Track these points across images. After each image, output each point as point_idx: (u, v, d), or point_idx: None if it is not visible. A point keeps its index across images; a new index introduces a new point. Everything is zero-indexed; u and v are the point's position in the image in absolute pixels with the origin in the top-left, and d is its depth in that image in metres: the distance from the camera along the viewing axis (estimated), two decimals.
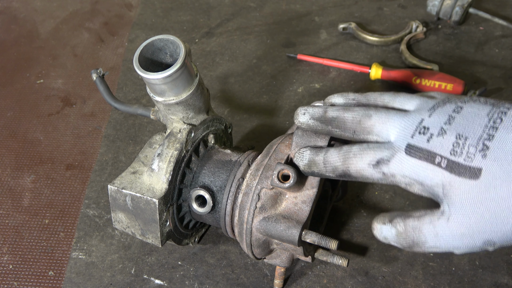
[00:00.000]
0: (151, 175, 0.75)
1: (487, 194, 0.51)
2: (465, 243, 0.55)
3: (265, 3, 1.53)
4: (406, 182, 0.57)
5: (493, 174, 0.51)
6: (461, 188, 0.53)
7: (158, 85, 0.71)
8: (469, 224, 0.53)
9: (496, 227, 0.52)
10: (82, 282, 0.86)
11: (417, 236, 0.57)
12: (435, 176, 0.54)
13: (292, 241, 0.69)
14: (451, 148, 0.53)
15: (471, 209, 0.53)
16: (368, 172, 0.59)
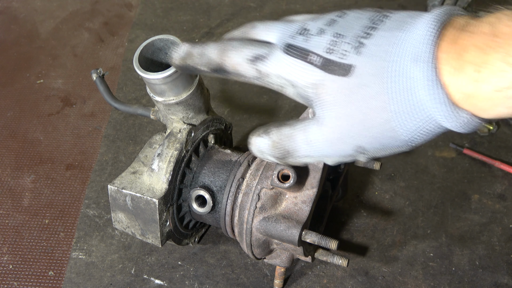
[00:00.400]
0: (151, 175, 0.75)
1: (358, 92, 0.49)
2: (337, 150, 0.53)
3: (265, 3, 1.53)
4: (280, 83, 0.55)
5: (365, 71, 0.49)
6: (332, 86, 0.51)
7: (158, 85, 0.71)
8: (340, 127, 0.52)
9: (366, 130, 0.50)
10: (82, 282, 0.86)
11: (290, 144, 0.56)
12: (308, 75, 0.52)
13: (292, 241, 0.69)
14: (327, 47, 0.52)
15: (342, 109, 0.51)
16: (243, 68, 0.56)
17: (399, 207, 0.96)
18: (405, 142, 0.51)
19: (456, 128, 0.48)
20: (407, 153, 1.05)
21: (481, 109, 0.46)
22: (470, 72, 0.44)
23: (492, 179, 1.00)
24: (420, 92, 0.46)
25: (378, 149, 0.52)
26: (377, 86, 0.48)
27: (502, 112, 0.45)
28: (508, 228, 0.92)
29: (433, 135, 0.50)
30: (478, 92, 0.44)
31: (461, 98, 0.46)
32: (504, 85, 0.43)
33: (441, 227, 0.92)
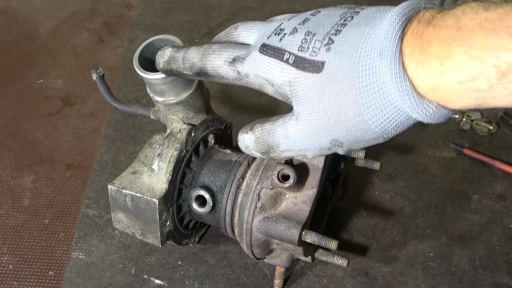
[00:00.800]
0: (151, 175, 0.75)
1: (330, 87, 0.51)
2: (314, 143, 0.55)
3: (265, 3, 1.53)
4: (259, 82, 0.57)
5: (335, 67, 0.51)
6: (305, 83, 0.53)
7: (158, 85, 0.71)
8: (315, 122, 0.54)
9: (339, 123, 0.52)
10: (82, 282, 0.86)
11: (271, 139, 0.58)
12: (283, 73, 0.54)
13: (292, 241, 0.69)
14: (300, 45, 0.54)
15: (316, 105, 0.53)
16: (223, 70, 0.59)
17: (399, 207, 0.96)
18: (378, 134, 0.52)
19: (425, 119, 0.49)
20: (407, 153, 1.05)
21: (448, 101, 0.47)
22: (435, 65, 0.45)
23: (492, 179, 1.00)
24: (388, 86, 0.48)
25: (354, 141, 0.54)
26: (347, 82, 0.50)
27: (469, 104, 0.47)
28: (508, 228, 0.92)
29: (405, 126, 0.52)
30: (443, 84, 0.46)
31: (427, 90, 0.47)
32: (467, 77, 0.44)
33: (441, 227, 0.92)
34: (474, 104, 0.47)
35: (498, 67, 0.43)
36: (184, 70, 0.62)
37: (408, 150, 1.06)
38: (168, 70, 0.63)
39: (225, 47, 0.59)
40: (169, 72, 0.64)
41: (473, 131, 1.09)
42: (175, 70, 0.63)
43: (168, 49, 0.64)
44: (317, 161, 0.70)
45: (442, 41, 0.45)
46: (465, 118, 1.09)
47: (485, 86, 0.44)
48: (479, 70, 0.44)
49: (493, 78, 0.43)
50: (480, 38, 0.43)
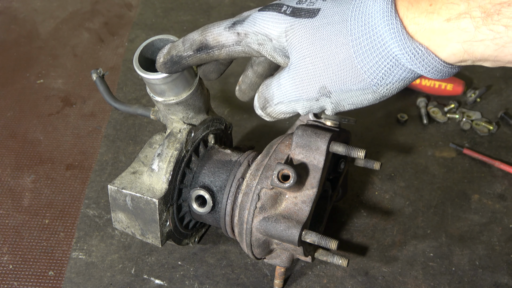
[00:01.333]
0: (151, 175, 0.75)
1: (322, 30, 0.53)
2: (302, 91, 0.57)
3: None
4: (258, 40, 0.59)
5: (330, 11, 0.53)
6: (300, 28, 0.55)
7: (158, 85, 0.71)
8: (305, 67, 0.55)
9: (328, 67, 0.54)
10: (82, 282, 0.86)
11: (267, 91, 0.61)
12: (280, 23, 0.56)
13: (292, 241, 0.69)
14: (298, 0, 0.57)
15: (307, 49, 0.54)
16: (224, 37, 0.60)
17: (399, 207, 0.96)
18: (368, 83, 0.53)
19: (414, 65, 0.50)
20: (407, 153, 1.05)
21: (436, 45, 0.49)
22: (424, 5, 0.48)
23: (492, 179, 1.00)
24: (378, 25, 0.50)
25: (342, 90, 0.55)
26: (340, 24, 0.53)
27: (456, 50, 0.48)
28: (508, 228, 0.92)
29: (395, 78, 0.52)
30: (432, 23, 0.48)
31: (416, 31, 0.49)
32: (454, 15, 0.47)
33: (441, 227, 0.92)
34: (461, 51, 0.48)
35: (483, 7, 0.45)
36: (185, 52, 0.63)
37: (408, 150, 1.06)
38: (168, 60, 0.65)
39: (226, 19, 0.62)
40: (170, 62, 0.65)
41: (473, 131, 1.09)
42: (176, 56, 0.64)
43: (166, 46, 0.66)
44: (317, 161, 0.70)
45: None
46: (465, 118, 1.09)
47: (471, 27, 0.46)
48: (465, 10, 0.46)
49: (478, 19, 0.46)
50: None
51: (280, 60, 0.60)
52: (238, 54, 0.61)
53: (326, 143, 0.69)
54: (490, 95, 1.17)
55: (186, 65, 0.65)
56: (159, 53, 0.66)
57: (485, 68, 1.24)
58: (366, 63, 0.52)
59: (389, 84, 0.53)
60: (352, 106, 0.57)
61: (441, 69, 0.51)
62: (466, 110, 1.12)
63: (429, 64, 0.50)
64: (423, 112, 1.11)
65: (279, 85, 0.59)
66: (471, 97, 1.14)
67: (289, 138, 0.74)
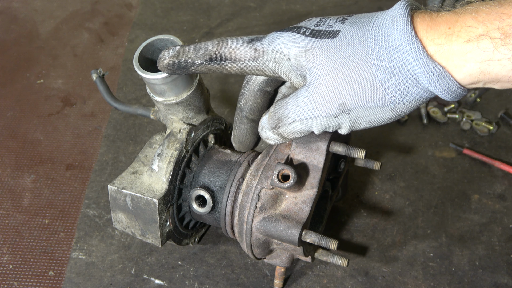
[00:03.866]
0: (151, 175, 0.75)
1: (344, 50, 0.56)
2: (322, 109, 0.58)
3: (265, 3, 1.53)
4: (276, 58, 0.60)
5: (350, 33, 0.56)
6: (320, 48, 0.57)
7: (158, 85, 0.71)
8: (325, 85, 0.57)
9: (349, 84, 0.55)
10: (82, 282, 0.86)
11: (281, 110, 0.62)
12: (299, 43, 0.58)
13: (292, 241, 0.69)
14: (315, 23, 0.60)
15: (328, 68, 0.56)
16: (241, 50, 0.62)
17: (399, 207, 0.96)
18: (387, 101, 0.55)
19: (432, 85, 0.52)
20: (407, 153, 1.05)
21: (454, 65, 0.51)
22: (443, 28, 0.51)
23: (492, 179, 1.00)
24: (399, 45, 0.52)
25: (361, 107, 0.56)
26: (361, 44, 0.55)
27: (473, 70, 0.51)
28: (508, 228, 0.92)
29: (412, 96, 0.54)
30: (451, 44, 0.51)
31: (436, 51, 0.52)
32: (473, 36, 0.50)
33: (441, 227, 0.92)
34: (478, 72, 0.51)
35: (501, 29, 0.48)
36: (196, 59, 0.64)
37: (408, 150, 1.06)
38: (175, 63, 0.65)
39: (242, 36, 0.63)
40: (176, 66, 0.65)
41: (473, 131, 1.09)
42: (184, 61, 0.64)
43: (175, 47, 0.66)
44: (317, 161, 0.70)
45: (451, 13, 0.53)
46: (465, 118, 1.09)
47: (490, 47, 0.49)
48: (484, 32, 0.49)
49: (497, 40, 0.48)
50: (486, 9, 0.50)
51: (294, 80, 0.61)
52: (251, 71, 0.63)
53: (326, 143, 0.69)
54: (490, 95, 1.17)
55: (192, 72, 0.66)
56: (163, 53, 0.66)
57: None
58: (387, 80, 0.54)
59: (406, 102, 0.55)
60: (368, 124, 0.59)
61: (454, 90, 0.53)
62: (466, 110, 1.12)
63: (445, 84, 0.52)
64: (423, 112, 1.11)
65: (296, 103, 0.60)
66: (471, 97, 1.14)
67: None
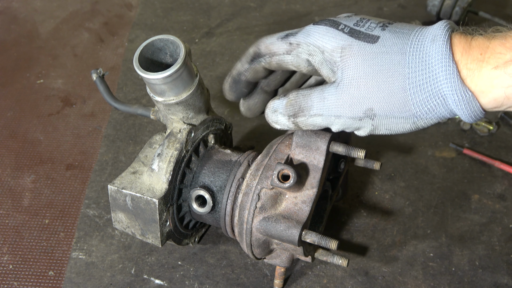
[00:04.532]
0: (151, 175, 0.75)
1: (381, 58, 0.56)
2: (348, 109, 0.59)
3: (265, 3, 1.53)
4: (309, 50, 0.61)
5: (389, 42, 0.56)
6: (359, 50, 0.57)
7: (158, 85, 0.71)
8: (356, 87, 0.58)
9: (380, 92, 0.56)
10: (82, 282, 0.86)
11: (305, 101, 0.62)
12: (337, 39, 0.59)
13: (292, 241, 0.69)
14: (355, 22, 0.60)
15: (363, 71, 0.57)
16: (276, 45, 0.63)
17: (399, 207, 0.96)
18: (411, 114, 0.57)
19: (458, 107, 0.54)
20: (407, 153, 1.05)
21: (481, 91, 0.53)
22: (476, 54, 0.53)
23: (492, 179, 1.00)
24: (435, 65, 0.54)
25: (386, 115, 0.58)
26: (399, 56, 0.56)
27: (498, 95, 0.53)
28: (508, 228, 0.92)
29: (436, 115, 0.56)
30: (480, 70, 0.53)
31: (467, 76, 0.53)
32: (501, 63, 0.52)
33: (441, 227, 0.92)
34: (502, 97, 0.53)
35: None
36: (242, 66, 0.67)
37: (408, 150, 1.06)
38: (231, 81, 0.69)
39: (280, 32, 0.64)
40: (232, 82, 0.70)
41: (473, 131, 1.09)
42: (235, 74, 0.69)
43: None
44: (317, 161, 0.70)
45: (484, 38, 0.54)
46: None
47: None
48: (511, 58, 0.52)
49: None
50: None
51: (325, 73, 0.62)
52: (287, 65, 0.64)
53: (326, 143, 0.69)
54: None
55: (244, 81, 0.68)
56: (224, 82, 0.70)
57: None
58: (417, 96, 0.55)
59: (429, 119, 0.57)
60: (387, 131, 0.60)
61: (477, 114, 0.55)
62: None
63: (470, 108, 0.54)
64: None
65: (322, 98, 0.60)
66: None
67: (289, 138, 0.74)
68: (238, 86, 0.69)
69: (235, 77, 0.68)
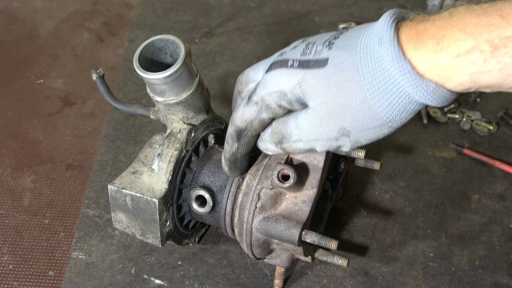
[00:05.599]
0: (151, 175, 0.75)
1: (335, 78, 0.56)
2: (322, 132, 0.60)
3: (265, 3, 1.53)
4: (274, 100, 0.61)
5: (338, 59, 0.56)
6: (312, 79, 0.58)
7: (158, 85, 0.71)
8: (323, 112, 0.58)
9: (346, 111, 0.57)
10: (82, 282, 0.86)
11: (284, 128, 0.63)
12: (291, 77, 0.59)
13: (292, 241, 0.69)
14: (302, 52, 0.60)
15: (323, 96, 0.57)
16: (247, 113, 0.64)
17: (399, 207, 0.96)
18: (384, 121, 0.56)
19: (426, 99, 0.54)
20: (407, 153, 1.05)
21: (445, 78, 0.52)
22: (431, 44, 0.51)
23: (492, 179, 1.00)
24: (389, 69, 0.53)
25: (360, 129, 0.58)
26: (351, 70, 0.55)
27: (464, 81, 0.52)
28: (508, 228, 0.92)
29: (409, 112, 0.56)
30: (441, 60, 0.51)
31: (426, 68, 0.52)
32: (463, 51, 0.50)
33: (441, 227, 0.92)
34: (468, 81, 0.51)
35: (491, 41, 0.48)
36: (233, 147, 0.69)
37: (408, 150, 1.06)
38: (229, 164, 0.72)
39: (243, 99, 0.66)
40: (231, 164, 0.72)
41: (473, 131, 1.09)
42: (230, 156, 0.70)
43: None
44: (317, 161, 0.70)
45: (437, 26, 0.51)
46: (465, 118, 1.09)
47: (480, 60, 0.49)
48: (474, 45, 0.49)
49: (487, 52, 0.49)
50: (473, 20, 0.49)
51: (298, 108, 0.62)
52: (267, 119, 0.65)
53: None
54: (490, 95, 1.17)
55: (241, 157, 0.70)
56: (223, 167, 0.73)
57: None
58: (381, 103, 0.55)
59: (403, 118, 0.56)
60: (369, 141, 0.60)
61: (448, 98, 0.54)
62: (466, 110, 1.12)
63: (439, 96, 0.53)
64: (423, 112, 1.11)
65: (297, 125, 0.62)
66: (471, 97, 1.14)
67: None
68: (237, 163, 0.71)
69: (231, 159, 0.70)
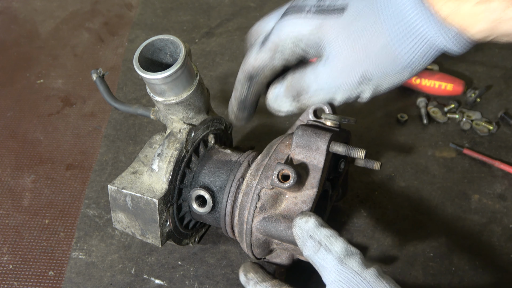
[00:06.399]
0: (151, 175, 0.75)
1: (355, 25, 0.57)
2: (344, 80, 0.59)
3: (265, 3, 1.53)
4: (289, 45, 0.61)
5: (357, 6, 0.57)
6: (331, 25, 0.58)
7: (158, 85, 0.71)
8: (344, 59, 0.58)
9: (368, 56, 0.57)
10: (82, 282, 0.86)
11: (302, 81, 0.63)
12: (307, 23, 0.59)
13: (292, 241, 0.69)
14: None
15: (343, 43, 0.58)
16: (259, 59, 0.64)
17: (399, 207, 0.96)
18: (405, 66, 0.57)
19: (448, 45, 0.54)
20: (407, 153, 1.05)
21: (465, 25, 0.53)
22: None
23: (492, 179, 1.00)
24: (410, 13, 0.54)
25: (382, 74, 0.58)
26: (371, 16, 0.56)
27: (483, 27, 0.52)
28: (508, 228, 0.92)
29: (430, 56, 0.56)
30: (461, 7, 0.52)
31: (448, 14, 0.53)
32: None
33: (441, 227, 0.92)
34: (488, 29, 0.52)
35: None
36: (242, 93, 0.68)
37: (408, 150, 1.06)
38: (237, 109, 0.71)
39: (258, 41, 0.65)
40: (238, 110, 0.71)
41: (473, 131, 1.09)
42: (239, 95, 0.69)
43: None
44: (317, 161, 0.70)
45: None
46: (465, 118, 1.09)
47: (500, 7, 0.50)
48: None
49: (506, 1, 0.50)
50: None
51: (313, 55, 0.62)
52: (278, 67, 0.64)
53: (326, 143, 0.69)
54: (490, 95, 1.17)
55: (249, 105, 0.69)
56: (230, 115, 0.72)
57: (485, 68, 1.24)
58: (403, 48, 0.55)
59: (423, 62, 0.57)
60: (390, 87, 0.61)
61: (468, 45, 0.55)
62: (466, 110, 1.12)
63: (460, 42, 0.54)
64: (423, 112, 1.11)
65: (316, 75, 0.61)
66: (471, 97, 1.14)
67: (289, 138, 0.74)
68: (245, 111, 0.71)
69: (240, 105, 0.69)
